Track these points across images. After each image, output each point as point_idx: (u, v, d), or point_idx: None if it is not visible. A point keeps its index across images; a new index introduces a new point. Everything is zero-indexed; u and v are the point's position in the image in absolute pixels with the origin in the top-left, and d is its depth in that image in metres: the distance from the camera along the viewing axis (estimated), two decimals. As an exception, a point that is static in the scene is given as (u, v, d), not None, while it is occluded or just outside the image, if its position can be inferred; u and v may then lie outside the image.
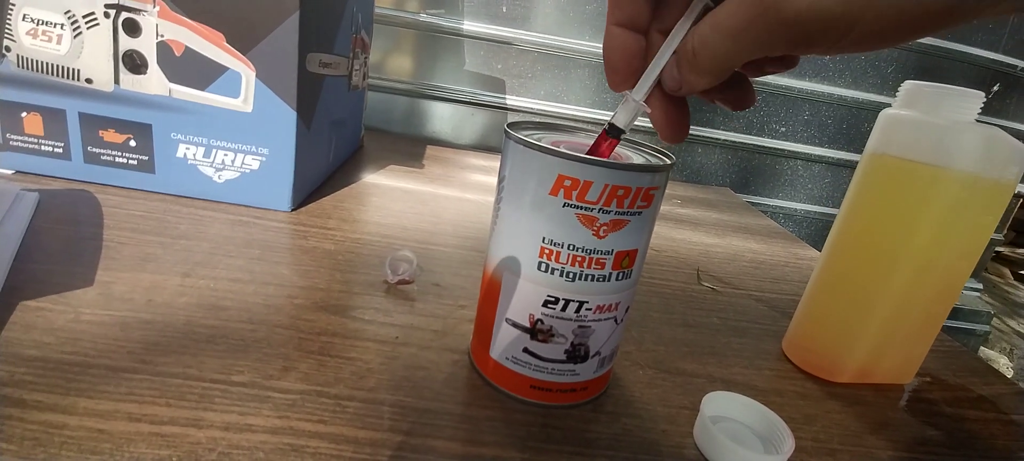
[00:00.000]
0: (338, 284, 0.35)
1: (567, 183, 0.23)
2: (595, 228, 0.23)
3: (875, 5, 0.15)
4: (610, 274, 0.25)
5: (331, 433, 0.23)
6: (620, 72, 0.22)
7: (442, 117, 0.84)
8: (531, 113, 0.84)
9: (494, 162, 0.76)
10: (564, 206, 0.23)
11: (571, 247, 0.24)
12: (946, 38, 0.85)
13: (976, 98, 0.29)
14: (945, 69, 0.87)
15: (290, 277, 0.35)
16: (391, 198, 0.54)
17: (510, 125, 0.26)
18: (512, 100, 0.83)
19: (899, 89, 0.31)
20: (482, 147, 0.85)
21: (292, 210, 0.45)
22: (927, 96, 0.30)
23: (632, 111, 0.22)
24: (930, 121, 0.29)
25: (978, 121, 0.29)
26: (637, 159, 0.26)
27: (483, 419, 0.26)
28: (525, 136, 0.24)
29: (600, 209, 0.23)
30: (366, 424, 0.24)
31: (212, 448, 0.21)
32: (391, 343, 0.30)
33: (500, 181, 0.26)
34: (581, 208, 0.23)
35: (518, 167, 0.24)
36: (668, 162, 0.25)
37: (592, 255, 0.24)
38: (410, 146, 0.77)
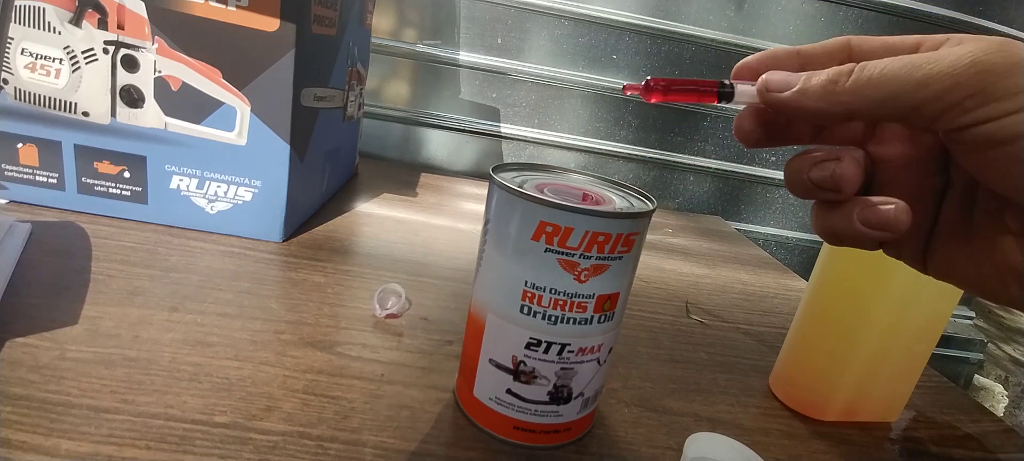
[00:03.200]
0: (326, 318, 0.35)
1: (548, 229, 0.23)
2: (576, 273, 0.24)
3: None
4: (592, 317, 0.25)
5: (312, 477, 0.23)
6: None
7: (437, 144, 0.85)
8: (525, 141, 0.85)
9: (486, 190, 0.76)
10: (546, 251, 0.23)
11: (553, 291, 0.24)
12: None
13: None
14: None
15: (278, 311, 0.35)
16: (383, 228, 0.54)
17: (495, 168, 0.26)
18: (506, 128, 0.84)
19: (876, 133, 0.32)
20: (476, 174, 0.86)
21: (284, 241, 0.45)
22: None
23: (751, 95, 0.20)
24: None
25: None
26: (620, 203, 0.26)
27: (466, 460, 0.26)
28: (509, 180, 0.25)
29: (581, 255, 0.23)
30: (347, 467, 0.24)
31: (191, 493, 0.21)
32: (376, 381, 0.30)
33: (485, 223, 0.26)
34: (562, 253, 0.23)
35: (502, 211, 0.25)
36: (650, 207, 0.25)
37: (574, 299, 0.24)
38: (404, 173, 0.77)
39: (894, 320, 0.32)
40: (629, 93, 0.22)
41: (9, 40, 0.39)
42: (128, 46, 0.39)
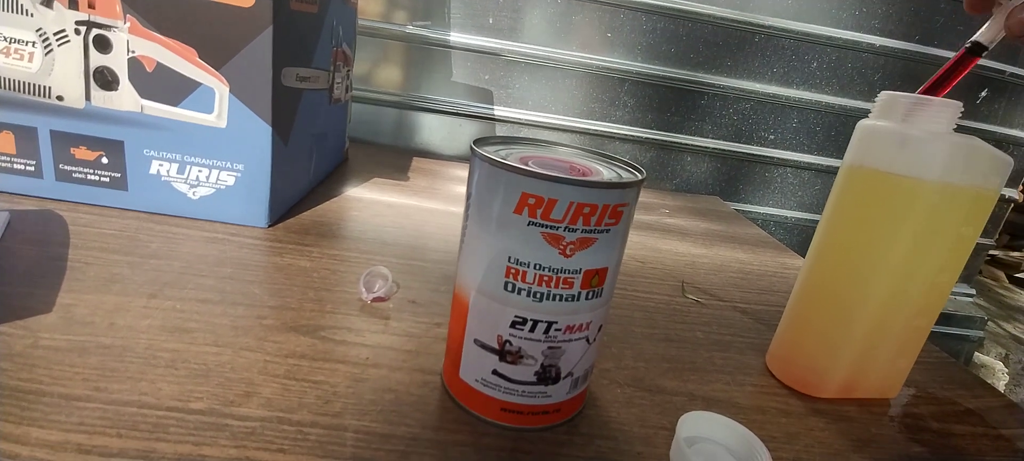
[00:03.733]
0: (310, 303, 0.35)
1: (531, 201, 0.22)
2: (562, 247, 0.23)
3: None
4: (579, 293, 0.24)
5: (290, 463, 0.22)
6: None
7: (431, 128, 0.84)
8: (519, 122, 0.84)
9: (481, 173, 0.75)
10: (529, 225, 0.22)
11: (537, 266, 0.23)
12: (933, 44, 0.85)
13: (953, 108, 0.29)
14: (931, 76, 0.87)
15: (261, 296, 0.34)
16: (373, 212, 0.53)
17: (476, 141, 0.25)
18: (500, 110, 0.83)
19: (876, 99, 0.31)
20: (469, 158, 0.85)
21: (269, 226, 0.44)
22: (904, 106, 0.29)
23: (998, 26, 0.25)
24: (907, 132, 0.29)
25: (959, 129, 0.29)
26: (607, 173, 0.25)
27: (451, 444, 0.25)
28: (491, 152, 0.24)
29: (566, 227, 0.22)
30: (327, 452, 0.23)
31: (162, 481, 0.20)
32: (361, 365, 0.29)
33: (467, 198, 0.25)
34: (546, 226, 0.22)
35: (483, 184, 0.24)
36: (638, 177, 0.24)
37: (560, 274, 0.23)
38: (396, 158, 0.76)
39: (893, 294, 0.31)
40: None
41: (-20, 24, 0.38)
42: (100, 26, 0.38)
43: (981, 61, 0.29)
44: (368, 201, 0.56)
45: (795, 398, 0.33)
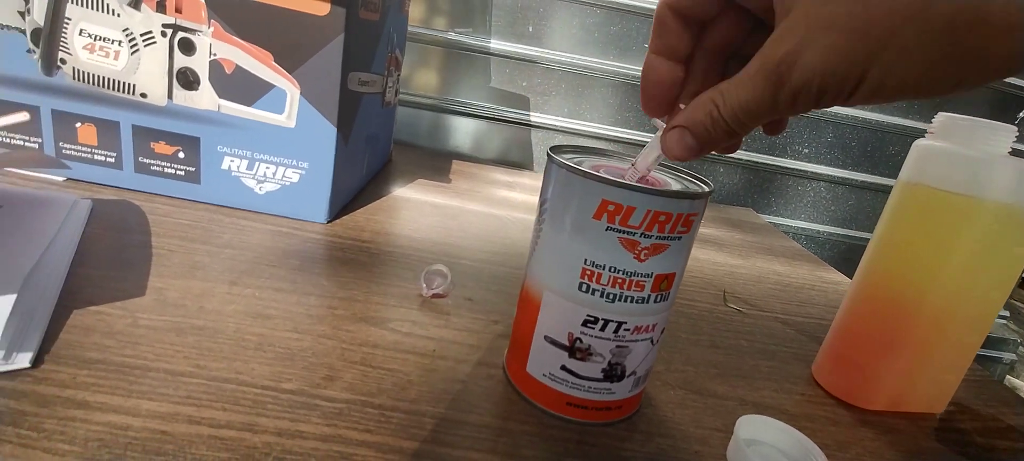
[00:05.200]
0: (375, 296, 0.36)
1: (610, 208, 0.24)
2: (636, 252, 0.24)
3: (882, 64, 0.16)
4: (649, 296, 0.25)
5: (378, 442, 0.24)
6: (654, 100, 0.23)
7: (466, 132, 0.86)
8: (554, 129, 0.85)
9: (517, 177, 0.77)
10: (607, 230, 0.24)
11: (612, 269, 0.24)
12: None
13: (1009, 132, 0.30)
14: (970, 96, 0.87)
15: (330, 287, 0.36)
16: (420, 212, 0.55)
17: (553, 149, 0.27)
18: (535, 117, 0.84)
19: (933, 120, 0.32)
20: (504, 162, 0.87)
21: (328, 222, 0.47)
22: (961, 128, 0.30)
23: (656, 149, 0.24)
24: (964, 153, 0.30)
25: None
26: (676, 185, 0.26)
27: (521, 433, 0.26)
28: (568, 160, 0.25)
29: (642, 234, 0.24)
30: (410, 435, 0.25)
31: (268, 453, 0.22)
32: (429, 356, 0.31)
33: (542, 203, 0.27)
34: (623, 232, 0.24)
35: (561, 191, 0.25)
36: (707, 189, 0.26)
37: (633, 277, 0.25)
38: (436, 160, 0.78)
39: (946, 310, 0.31)
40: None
41: (66, 21, 0.41)
42: (185, 29, 0.40)
43: (1018, 82, 0.30)
44: (415, 201, 0.58)
45: (843, 408, 0.34)
